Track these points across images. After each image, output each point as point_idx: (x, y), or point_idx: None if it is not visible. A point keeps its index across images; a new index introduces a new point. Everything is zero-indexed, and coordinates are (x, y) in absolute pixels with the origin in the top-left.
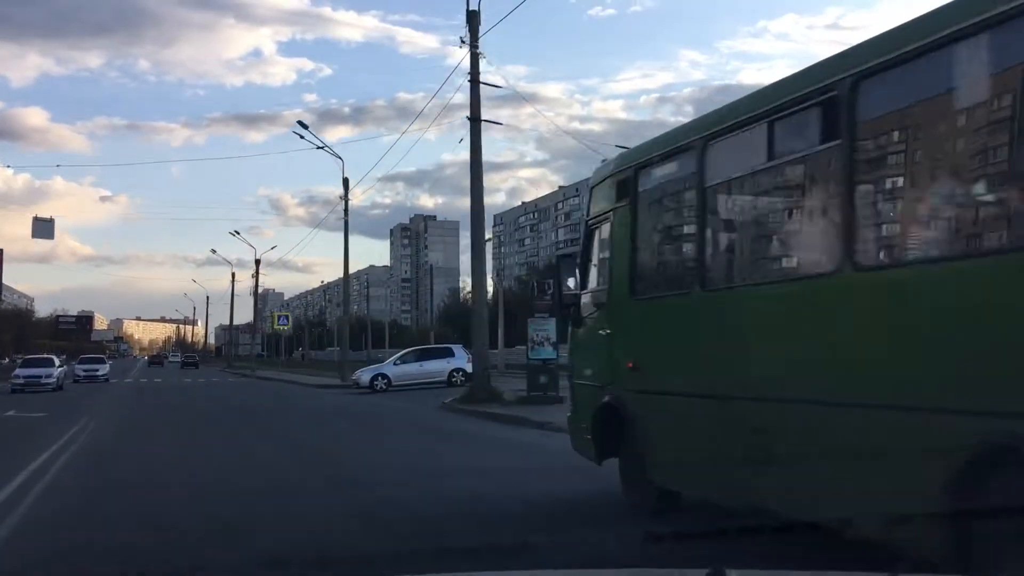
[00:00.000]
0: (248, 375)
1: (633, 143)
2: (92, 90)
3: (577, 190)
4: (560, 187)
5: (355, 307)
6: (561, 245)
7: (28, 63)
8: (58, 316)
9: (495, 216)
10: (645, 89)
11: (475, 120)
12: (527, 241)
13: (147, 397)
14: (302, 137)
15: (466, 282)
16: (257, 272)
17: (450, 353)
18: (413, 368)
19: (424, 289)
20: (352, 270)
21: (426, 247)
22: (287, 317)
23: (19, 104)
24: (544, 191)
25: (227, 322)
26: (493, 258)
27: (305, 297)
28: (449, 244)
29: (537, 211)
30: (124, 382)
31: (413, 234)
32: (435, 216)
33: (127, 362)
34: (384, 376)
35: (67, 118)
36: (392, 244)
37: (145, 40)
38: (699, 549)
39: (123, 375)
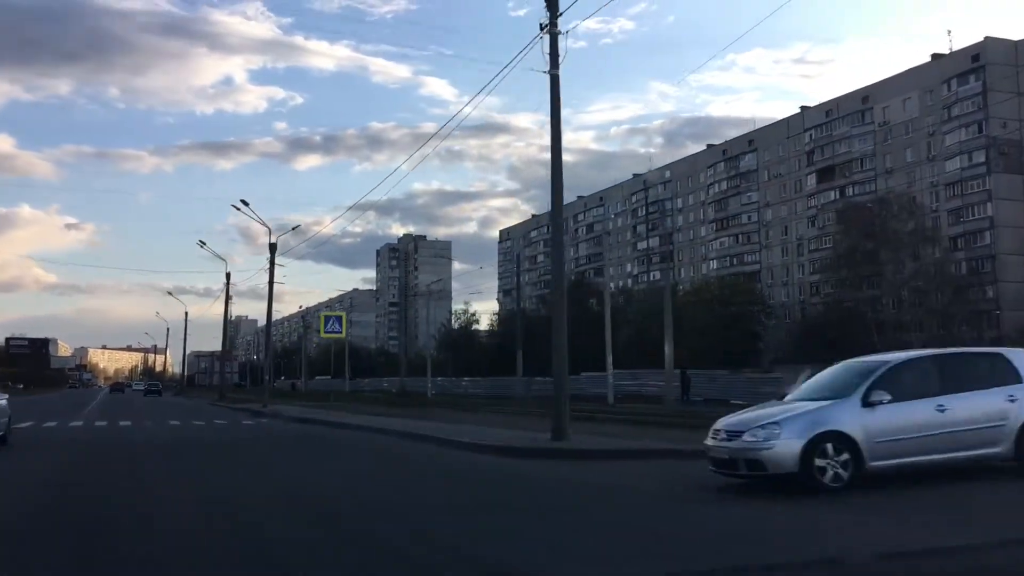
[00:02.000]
0: (268, 415)
1: (606, 173)
2: (60, 117)
3: (601, 199)
4: (579, 197)
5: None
6: (583, 261)
7: None
8: (8, 339)
9: (500, 232)
10: (616, 120)
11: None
12: (540, 258)
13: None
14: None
15: (466, 304)
16: (273, 259)
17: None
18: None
19: (413, 314)
20: (325, 298)
21: (415, 269)
22: (340, 318)
23: None
24: (515, 220)
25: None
26: (499, 277)
27: (282, 324)
28: (440, 265)
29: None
30: (67, 427)
31: (402, 255)
32: (425, 236)
33: (89, 392)
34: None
35: (34, 145)
36: (379, 266)
37: (116, 67)
38: None
39: (74, 412)
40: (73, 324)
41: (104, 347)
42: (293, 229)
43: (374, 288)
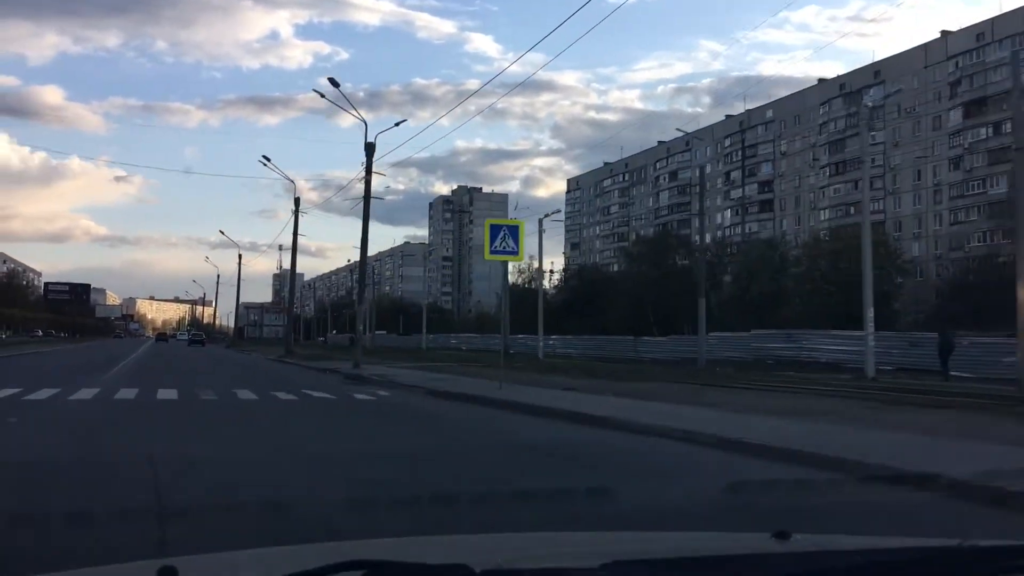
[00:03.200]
0: (376, 381)
1: (651, 133)
2: (109, 70)
3: (688, 143)
4: (660, 142)
5: (387, 288)
6: (663, 212)
7: (45, 42)
8: (47, 284)
9: (569, 181)
10: (663, 79)
11: None
12: (614, 208)
13: None
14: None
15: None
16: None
17: None
18: None
19: (467, 269)
20: (377, 251)
21: (471, 222)
22: (515, 230)
23: (36, 82)
24: (559, 181)
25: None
26: (567, 229)
27: (329, 278)
28: (497, 218)
29: (628, 172)
30: (58, 403)
31: (456, 208)
32: (480, 188)
33: (133, 342)
34: None
35: (83, 97)
36: (432, 218)
37: (163, 20)
38: None
39: (98, 371)
40: (122, 275)
41: (152, 298)
42: (397, 124)
43: (426, 242)
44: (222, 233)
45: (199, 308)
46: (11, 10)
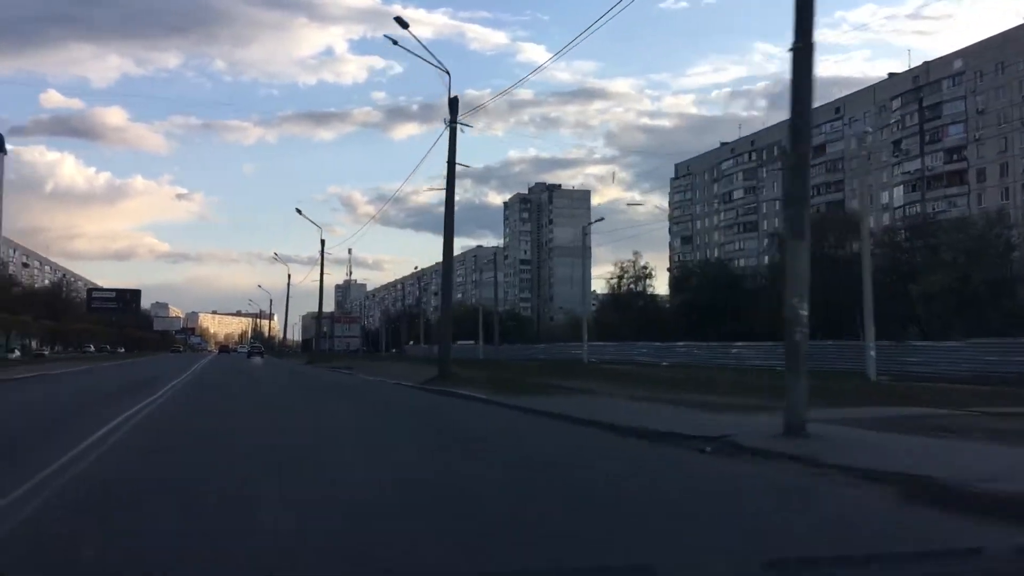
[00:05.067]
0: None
1: (705, 138)
2: (169, 90)
3: (838, 110)
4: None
5: (459, 295)
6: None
7: (108, 64)
8: (90, 290)
9: (677, 166)
10: (717, 83)
11: None
12: (737, 194)
13: None
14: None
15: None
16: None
17: None
18: None
19: (547, 272)
20: (421, 266)
21: (550, 222)
22: None
23: (100, 104)
24: (614, 187)
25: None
26: (673, 222)
27: (393, 288)
28: (579, 218)
29: (755, 150)
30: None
31: (534, 207)
32: (559, 185)
33: (191, 357)
34: None
35: (145, 117)
36: (507, 219)
37: (221, 40)
38: None
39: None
40: (185, 291)
41: (214, 312)
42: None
43: (500, 244)
44: (275, 255)
45: (260, 321)
46: (75, 34)
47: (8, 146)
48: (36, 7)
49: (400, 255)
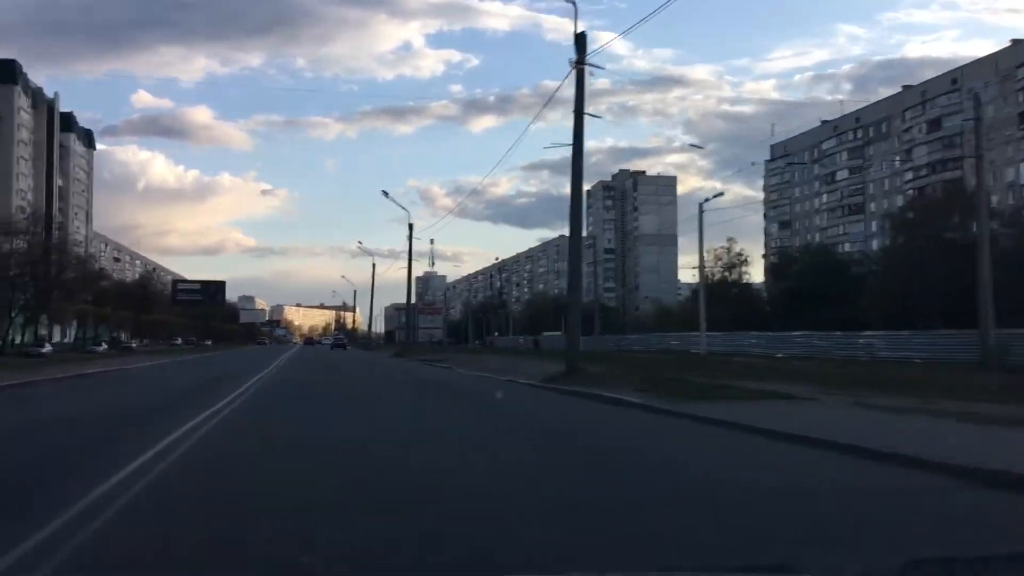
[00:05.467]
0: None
1: (789, 123)
2: (253, 88)
3: (955, 81)
4: (905, 87)
5: (541, 285)
6: (922, 172)
7: (195, 65)
8: (175, 281)
9: (772, 147)
10: (799, 67)
11: None
12: (842, 175)
13: None
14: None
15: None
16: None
17: None
18: None
19: (632, 261)
20: (502, 257)
21: (635, 209)
22: None
23: (187, 104)
24: (693, 177)
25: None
26: (768, 207)
27: (473, 279)
28: (664, 205)
29: (861, 127)
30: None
31: (618, 195)
32: (644, 171)
33: (274, 350)
34: None
35: (230, 115)
36: (590, 208)
37: (302, 38)
38: None
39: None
40: (270, 285)
41: (299, 305)
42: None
43: (584, 233)
44: (359, 245)
45: (343, 313)
46: (165, 36)
47: (101, 145)
48: (128, 11)
49: (479, 247)
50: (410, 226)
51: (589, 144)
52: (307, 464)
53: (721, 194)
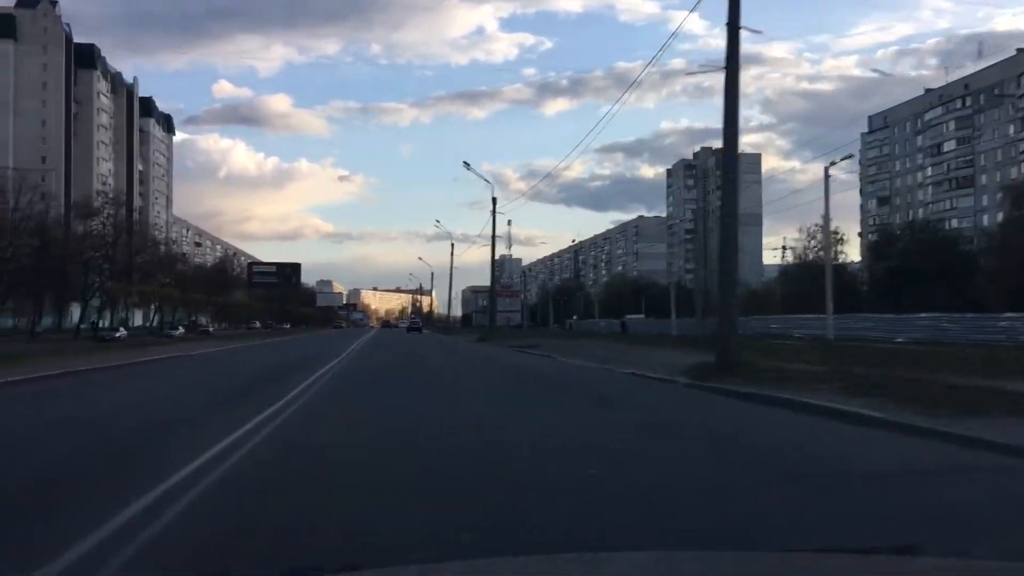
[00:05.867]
0: None
1: (870, 100)
2: (329, 75)
3: None
4: (1020, 49)
5: (619, 267)
6: None
7: (273, 53)
8: (250, 264)
9: (870, 117)
10: (882, 43)
11: None
12: (948, 146)
13: None
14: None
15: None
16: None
17: None
18: None
19: (714, 242)
20: (568, 242)
21: (718, 188)
22: None
23: (266, 92)
24: (772, 156)
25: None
26: (865, 181)
27: (550, 261)
28: (749, 183)
29: (971, 94)
30: None
31: (699, 173)
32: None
33: (349, 333)
34: None
35: (307, 103)
36: (670, 187)
37: (376, 25)
38: None
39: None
40: (347, 269)
41: (375, 289)
42: None
43: (663, 215)
44: (437, 223)
45: (420, 297)
46: (244, 26)
47: (184, 135)
48: (208, 3)
49: (552, 230)
50: (494, 200)
51: (664, 125)
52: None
53: (850, 156)
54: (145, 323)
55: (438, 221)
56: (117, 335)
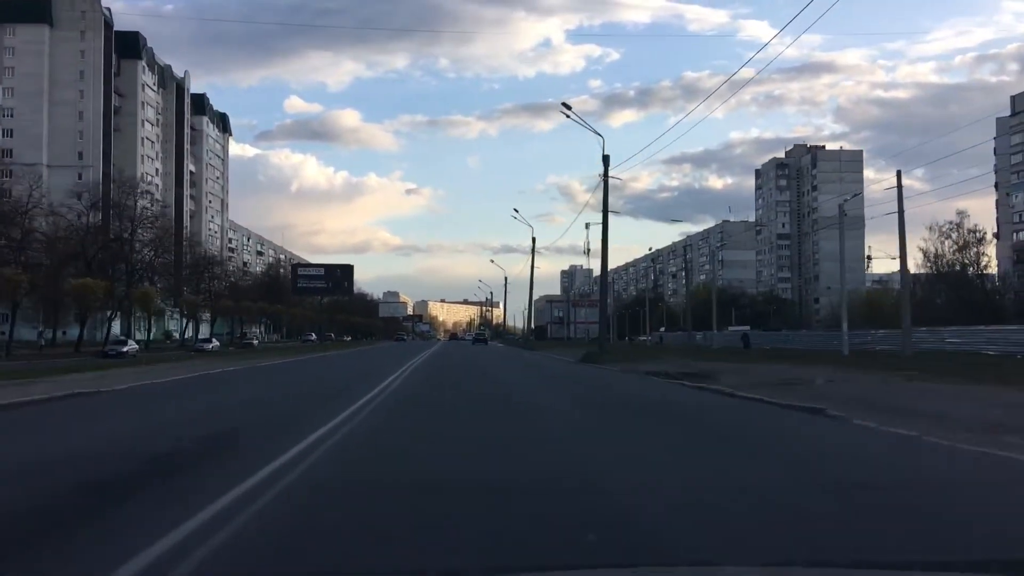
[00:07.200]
0: None
1: (948, 108)
2: (397, 90)
3: None
4: None
5: (700, 276)
6: None
7: (343, 69)
8: (295, 266)
9: (1012, 99)
10: (960, 48)
11: None
12: None
13: None
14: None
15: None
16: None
17: None
18: None
19: (810, 247)
20: (634, 255)
21: (813, 188)
22: None
23: (336, 107)
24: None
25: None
26: (995, 170)
27: (624, 271)
28: (848, 184)
29: None
30: None
31: (792, 172)
32: (823, 146)
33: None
34: None
35: (376, 117)
36: (760, 188)
37: (444, 39)
38: None
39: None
40: (416, 282)
41: (443, 301)
42: None
43: (752, 219)
44: (515, 212)
45: (488, 309)
46: (314, 43)
47: (257, 150)
48: (278, 20)
49: (621, 243)
50: (605, 158)
51: (733, 135)
52: None
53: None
54: (195, 335)
55: (516, 210)
56: (125, 349)
